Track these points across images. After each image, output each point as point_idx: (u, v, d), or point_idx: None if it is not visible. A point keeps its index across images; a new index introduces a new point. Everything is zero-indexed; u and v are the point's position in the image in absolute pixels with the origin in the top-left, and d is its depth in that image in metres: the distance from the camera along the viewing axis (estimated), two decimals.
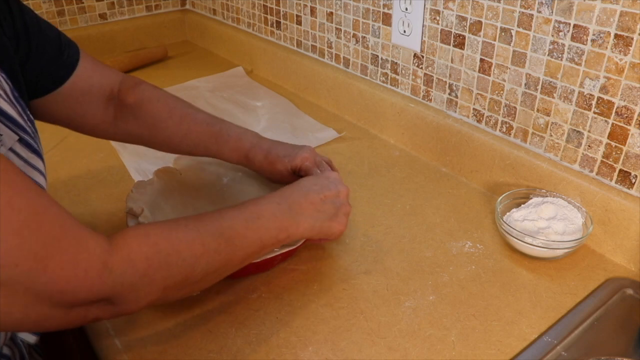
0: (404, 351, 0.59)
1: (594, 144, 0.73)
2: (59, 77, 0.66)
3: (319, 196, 0.63)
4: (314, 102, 1.19)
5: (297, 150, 0.74)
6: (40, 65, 0.63)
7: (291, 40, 1.25)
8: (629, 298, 0.66)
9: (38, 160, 0.54)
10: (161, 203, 0.75)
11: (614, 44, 0.67)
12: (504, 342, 0.60)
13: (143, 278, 0.46)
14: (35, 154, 0.54)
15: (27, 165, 0.53)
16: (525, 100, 0.79)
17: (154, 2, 1.58)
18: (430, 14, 0.89)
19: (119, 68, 1.34)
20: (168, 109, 0.73)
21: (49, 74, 0.65)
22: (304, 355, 0.58)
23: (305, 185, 0.64)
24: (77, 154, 0.96)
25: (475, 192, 0.87)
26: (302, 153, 0.73)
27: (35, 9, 1.38)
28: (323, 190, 0.64)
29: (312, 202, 0.63)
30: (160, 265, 0.48)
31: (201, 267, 0.51)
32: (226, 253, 0.54)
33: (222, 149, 0.74)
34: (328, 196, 0.64)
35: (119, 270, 0.44)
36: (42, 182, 0.54)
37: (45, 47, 0.63)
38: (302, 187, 0.64)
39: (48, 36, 0.64)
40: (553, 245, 0.69)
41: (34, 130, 0.57)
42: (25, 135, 0.53)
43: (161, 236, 0.49)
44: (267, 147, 0.74)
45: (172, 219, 0.53)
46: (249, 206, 0.58)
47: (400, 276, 0.69)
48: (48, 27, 0.65)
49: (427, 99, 0.96)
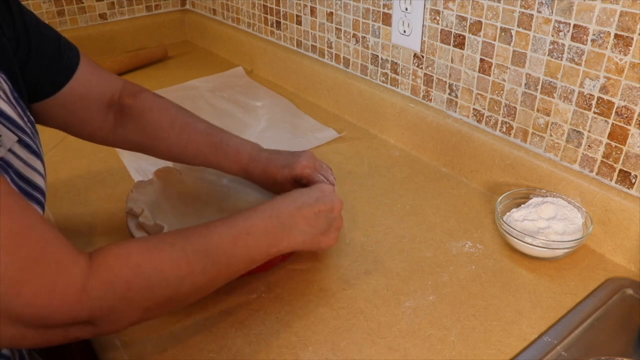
0: (404, 351, 0.59)
1: (594, 144, 0.73)
2: (58, 81, 0.65)
3: (312, 210, 0.62)
4: (314, 102, 1.19)
5: (295, 158, 0.72)
6: (39, 67, 0.63)
7: (291, 40, 1.25)
8: (629, 298, 0.66)
9: (37, 161, 0.54)
10: (162, 203, 0.75)
11: (614, 44, 0.67)
12: (504, 342, 0.60)
13: (122, 301, 0.45)
14: (34, 155, 0.54)
15: (26, 166, 0.52)
16: (525, 100, 0.79)
17: (154, 2, 1.58)
18: (430, 14, 0.89)
19: (119, 68, 1.34)
20: (170, 119, 0.72)
21: (48, 76, 0.64)
22: (304, 355, 0.58)
23: (299, 198, 0.63)
24: (77, 154, 0.96)
25: (475, 192, 0.87)
26: (301, 161, 0.72)
27: (35, 9, 1.38)
28: (317, 204, 0.63)
29: (305, 216, 0.61)
30: (141, 287, 0.46)
31: (185, 287, 0.50)
32: (212, 272, 0.53)
33: (221, 161, 0.73)
34: (322, 210, 0.63)
35: (98, 293, 0.43)
36: (40, 183, 0.54)
37: (44, 50, 0.63)
38: (296, 199, 0.62)
39: (48, 39, 0.64)
40: (553, 245, 0.69)
41: (34, 131, 0.57)
42: (25, 136, 0.53)
43: (144, 257, 0.48)
44: (265, 160, 0.73)
45: (158, 236, 0.52)
46: (239, 221, 0.57)
47: (400, 276, 0.69)
48: (48, 30, 0.65)
49: (427, 99, 0.96)
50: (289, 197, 0.63)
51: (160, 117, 0.72)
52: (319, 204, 0.63)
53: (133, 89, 0.73)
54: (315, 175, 0.71)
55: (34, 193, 0.53)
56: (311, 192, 0.64)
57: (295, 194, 0.64)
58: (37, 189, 0.53)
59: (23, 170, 0.52)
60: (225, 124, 1.09)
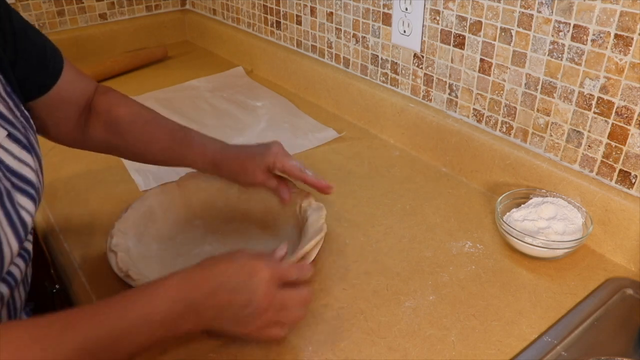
0: (404, 351, 0.59)
1: (594, 144, 0.73)
2: (44, 85, 0.65)
3: (227, 297, 0.52)
4: (314, 102, 1.19)
5: (264, 147, 0.71)
6: (26, 70, 0.62)
7: (291, 40, 1.25)
8: (629, 298, 0.66)
9: (28, 156, 0.54)
10: (156, 210, 0.75)
11: (614, 44, 0.67)
12: (504, 342, 0.60)
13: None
14: (25, 150, 0.54)
15: (16, 161, 0.53)
16: (525, 100, 0.79)
17: (154, 2, 1.58)
18: (430, 14, 0.89)
19: (119, 68, 1.34)
20: (132, 113, 0.72)
21: (35, 80, 0.64)
22: (304, 355, 0.58)
23: (218, 276, 0.53)
24: (77, 154, 0.96)
25: (475, 192, 0.87)
26: (272, 148, 0.70)
27: (35, 9, 1.38)
28: (233, 293, 0.52)
29: (215, 305, 0.52)
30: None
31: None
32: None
33: (186, 154, 0.72)
34: (236, 301, 0.52)
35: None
36: (32, 177, 0.55)
37: (31, 53, 0.62)
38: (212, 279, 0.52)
39: (35, 43, 0.63)
40: (553, 245, 0.69)
41: (27, 125, 0.57)
42: (15, 130, 0.53)
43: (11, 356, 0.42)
44: (235, 150, 0.72)
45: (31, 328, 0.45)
46: (137, 307, 0.49)
47: (400, 276, 0.69)
48: (35, 35, 0.64)
49: (427, 99, 0.95)
50: (207, 272, 0.53)
51: (123, 111, 0.72)
52: (235, 293, 0.52)
53: (102, 89, 0.74)
54: (287, 161, 0.69)
55: (26, 187, 0.53)
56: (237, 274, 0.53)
57: (218, 269, 0.53)
58: (29, 182, 0.54)
59: (13, 164, 0.52)
60: (225, 124, 1.10)
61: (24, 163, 0.54)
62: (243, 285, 0.52)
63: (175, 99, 1.21)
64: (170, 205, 0.77)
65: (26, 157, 0.54)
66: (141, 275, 0.63)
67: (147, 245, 0.71)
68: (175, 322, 0.50)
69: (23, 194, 0.53)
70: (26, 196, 0.53)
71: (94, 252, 0.73)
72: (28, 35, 0.62)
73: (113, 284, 0.67)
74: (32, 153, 0.55)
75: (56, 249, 0.75)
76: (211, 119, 1.13)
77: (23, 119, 0.57)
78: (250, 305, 0.52)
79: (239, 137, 1.05)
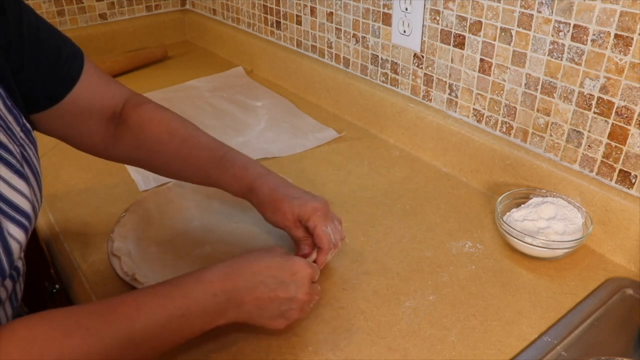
0: (404, 351, 0.59)
1: (594, 144, 0.73)
2: (54, 95, 0.61)
3: (269, 294, 0.54)
4: (314, 102, 1.19)
5: (309, 196, 0.65)
6: (33, 80, 0.58)
7: (291, 40, 1.25)
8: (629, 298, 0.66)
9: (20, 182, 0.50)
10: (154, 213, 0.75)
11: (614, 44, 0.67)
12: (504, 342, 0.60)
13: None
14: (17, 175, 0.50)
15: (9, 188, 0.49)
16: (525, 100, 0.79)
17: (154, 2, 1.58)
18: (430, 14, 0.89)
19: (119, 68, 1.34)
20: (167, 132, 0.67)
21: (43, 89, 0.60)
22: (304, 355, 0.58)
23: (259, 273, 0.54)
24: (77, 154, 0.96)
25: (475, 192, 0.87)
26: (314, 202, 0.64)
27: (35, 9, 1.37)
28: (277, 289, 0.54)
29: (257, 298, 0.54)
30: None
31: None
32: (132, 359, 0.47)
33: (223, 176, 0.66)
34: (280, 297, 0.55)
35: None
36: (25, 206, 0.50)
37: (40, 61, 0.58)
38: (255, 274, 0.54)
39: (46, 48, 0.59)
40: (553, 245, 0.69)
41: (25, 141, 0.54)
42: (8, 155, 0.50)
43: (51, 344, 0.42)
44: (274, 183, 0.66)
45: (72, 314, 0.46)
46: (176, 297, 0.50)
47: (400, 276, 0.69)
48: (49, 39, 0.60)
49: (427, 99, 0.96)
50: (249, 268, 0.55)
51: (159, 129, 0.67)
52: (279, 289, 0.55)
53: (136, 100, 0.69)
54: (323, 226, 0.63)
55: (17, 216, 0.49)
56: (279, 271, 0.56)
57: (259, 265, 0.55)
58: (21, 211, 0.50)
59: (5, 191, 0.48)
60: (225, 124, 1.10)
61: (16, 191, 0.49)
62: (287, 281, 0.55)
63: (175, 99, 1.21)
64: (167, 207, 0.77)
65: (18, 183, 0.50)
66: (147, 278, 0.63)
67: (146, 248, 0.72)
68: (213, 314, 0.52)
69: (14, 223, 0.49)
70: (17, 225, 0.49)
71: (94, 252, 0.73)
72: (40, 41, 0.58)
73: (113, 284, 0.67)
74: (25, 179, 0.51)
75: (56, 249, 0.75)
76: (211, 119, 1.13)
77: (22, 134, 0.54)
78: (293, 301, 0.56)
79: (239, 137, 1.05)
